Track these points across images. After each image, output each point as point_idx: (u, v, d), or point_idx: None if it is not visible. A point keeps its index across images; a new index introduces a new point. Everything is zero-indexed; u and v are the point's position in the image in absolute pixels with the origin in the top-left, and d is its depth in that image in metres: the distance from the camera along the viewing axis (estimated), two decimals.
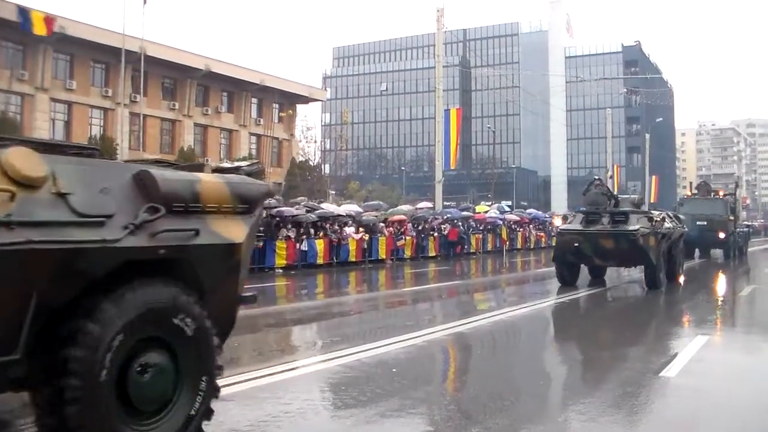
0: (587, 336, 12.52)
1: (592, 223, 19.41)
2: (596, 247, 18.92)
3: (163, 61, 47.17)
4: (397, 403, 7.08)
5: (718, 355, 10.63)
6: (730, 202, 37.75)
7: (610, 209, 19.80)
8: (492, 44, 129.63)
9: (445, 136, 43.72)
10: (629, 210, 19.89)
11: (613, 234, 18.67)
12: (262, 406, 6.87)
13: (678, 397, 7.79)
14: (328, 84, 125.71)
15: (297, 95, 62.28)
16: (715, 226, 34.58)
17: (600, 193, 20.44)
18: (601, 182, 21.48)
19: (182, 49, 51.54)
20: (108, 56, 44.49)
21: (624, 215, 19.25)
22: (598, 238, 18.87)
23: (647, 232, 18.42)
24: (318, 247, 26.81)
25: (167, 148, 51.10)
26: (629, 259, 19.66)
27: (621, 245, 18.57)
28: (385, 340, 10.57)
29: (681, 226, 22.64)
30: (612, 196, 20.84)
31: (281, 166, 59.12)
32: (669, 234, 20.10)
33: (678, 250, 21.90)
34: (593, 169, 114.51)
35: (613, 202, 20.44)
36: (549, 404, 7.33)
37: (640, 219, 19.12)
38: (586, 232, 19.09)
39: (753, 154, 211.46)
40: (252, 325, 13.28)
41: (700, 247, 36.12)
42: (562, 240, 20.02)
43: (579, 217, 20.45)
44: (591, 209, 20.08)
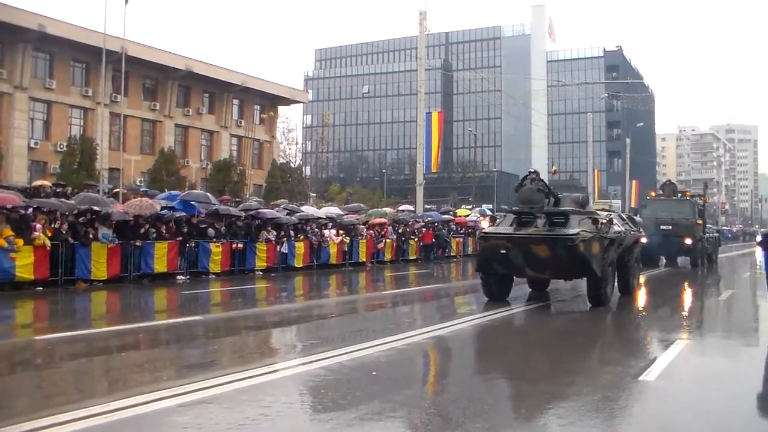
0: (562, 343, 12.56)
1: (524, 226, 16.21)
2: (528, 254, 15.63)
3: (144, 62, 46.91)
4: (376, 406, 7.08)
5: (697, 359, 10.70)
6: (698, 205, 33.82)
7: (547, 209, 16.55)
8: (474, 48, 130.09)
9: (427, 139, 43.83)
10: (569, 210, 16.51)
11: (547, 239, 15.46)
12: (241, 408, 6.84)
13: (657, 402, 7.84)
14: (310, 86, 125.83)
15: (278, 97, 62.16)
16: (680, 230, 31.18)
17: (535, 189, 16.88)
18: (538, 176, 17.47)
19: (164, 50, 51.33)
20: (88, 56, 44.16)
21: (563, 216, 16.11)
22: (529, 244, 15.61)
23: (590, 237, 15.26)
24: (298, 249, 26.74)
25: (148, 148, 50.85)
26: (568, 270, 16.11)
27: (557, 252, 15.31)
28: (365, 343, 10.55)
29: (636, 230, 19.63)
30: (550, 192, 17.13)
31: (262, 168, 58.95)
32: (619, 239, 17.00)
33: (633, 259, 18.84)
34: (574, 173, 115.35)
35: (552, 200, 17.04)
36: (528, 408, 7.35)
37: (583, 221, 15.89)
38: (514, 237, 15.83)
39: (732, 159, 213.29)
40: (232, 327, 13.27)
41: (664, 254, 32.91)
42: (486, 246, 16.44)
43: (509, 218, 17.07)
44: (524, 208, 16.75)
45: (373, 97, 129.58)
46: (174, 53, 52.08)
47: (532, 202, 16.60)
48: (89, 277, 19.16)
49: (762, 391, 8.79)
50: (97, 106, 44.24)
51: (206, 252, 22.82)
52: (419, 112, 43.51)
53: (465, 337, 12.23)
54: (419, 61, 43.26)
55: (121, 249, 20.13)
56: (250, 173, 54.17)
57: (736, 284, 26.14)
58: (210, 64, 55.04)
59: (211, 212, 24.67)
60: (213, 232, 23.75)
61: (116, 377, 8.56)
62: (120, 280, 19.98)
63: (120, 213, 21.10)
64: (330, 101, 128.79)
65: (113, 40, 33.36)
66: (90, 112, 46.62)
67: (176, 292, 19.31)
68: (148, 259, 20.83)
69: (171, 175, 42.88)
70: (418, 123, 43.48)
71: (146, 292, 19.32)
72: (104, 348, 10.71)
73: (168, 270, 21.38)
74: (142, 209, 21.53)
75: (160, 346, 11.23)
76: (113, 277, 19.74)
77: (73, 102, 46.39)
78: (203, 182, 49.73)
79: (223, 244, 23.47)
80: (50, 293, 17.67)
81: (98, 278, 19.34)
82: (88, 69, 46.73)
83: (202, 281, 21.80)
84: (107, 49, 31.77)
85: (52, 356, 10.00)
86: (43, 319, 14.81)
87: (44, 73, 44.99)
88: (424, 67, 43.73)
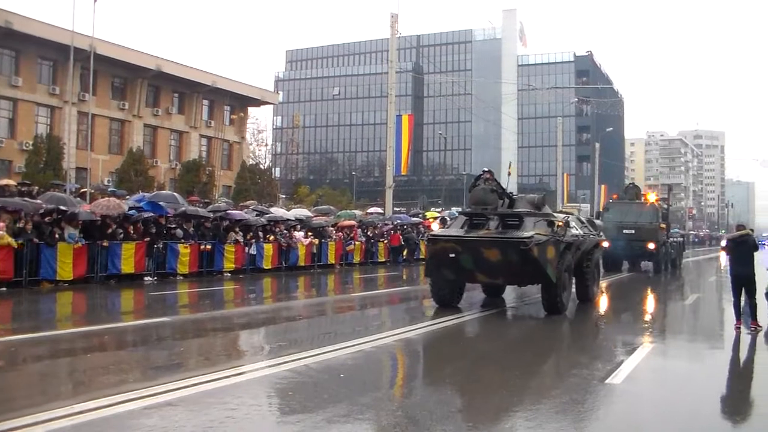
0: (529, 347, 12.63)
1: (475, 228, 15.45)
2: (478, 258, 14.75)
3: (113, 60, 46.52)
4: (344, 408, 7.07)
5: (663, 362, 10.80)
6: (661, 208, 33.17)
7: (501, 210, 15.85)
8: (445, 51, 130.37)
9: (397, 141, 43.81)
10: (524, 212, 15.73)
11: (499, 242, 14.60)
12: (208, 411, 6.80)
13: (623, 404, 7.93)
14: (281, 87, 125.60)
15: (249, 98, 61.98)
16: (643, 235, 30.35)
17: (489, 189, 16.06)
18: (492, 176, 16.52)
19: (133, 49, 50.95)
20: (56, 53, 43.75)
21: (517, 218, 15.38)
22: (479, 248, 14.73)
23: (545, 241, 14.47)
24: (267, 251, 26.64)
25: (116, 148, 50.45)
26: (521, 275, 15.13)
27: (509, 257, 14.44)
28: (333, 345, 10.54)
29: (596, 234, 18.76)
30: (504, 193, 16.40)
31: (231, 169, 58.71)
32: (577, 243, 16.25)
33: (593, 264, 17.93)
34: (543, 177, 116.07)
35: (507, 201, 16.32)
36: (496, 411, 7.37)
37: (538, 223, 15.23)
38: (464, 240, 14.95)
39: (700, 165, 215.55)
40: (199, 329, 13.19)
41: (627, 259, 32.59)
42: (434, 249, 15.50)
43: (460, 219, 16.50)
44: (476, 210, 16.07)
45: (344, 99, 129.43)
46: (144, 52, 51.74)
47: (485, 203, 15.92)
48: (54, 277, 18.97)
49: (726, 394, 8.92)
50: (64, 105, 43.89)
51: (174, 253, 22.68)
52: (389, 114, 43.51)
53: (433, 339, 12.25)
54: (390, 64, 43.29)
55: (87, 249, 19.95)
56: (220, 174, 53.94)
57: (702, 288, 26.38)
58: (180, 64, 54.74)
59: (179, 213, 24.51)
60: (181, 233, 23.61)
61: (81, 379, 8.48)
62: (86, 281, 19.81)
63: (87, 213, 20.89)
64: (300, 103, 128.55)
65: (82, 38, 33.10)
66: (57, 110, 46.16)
67: (143, 294, 19.15)
68: (115, 259, 20.66)
69: (139, 175, 42.54)
70: (389, 125, 43.46)
71: (113, 293, 19.14)
72: (69, 350, 10.60)
73: (135, 271, 21.22)
74: (110, 209, 21.33)
75: (127, 348, 11.13)
76: (79, 277, 19.57)
77: (39, 100, 45.87)
78: (172, 183, 49.43)
79: (191, 245, 23.33)
80: (14, 294, 17.46)
81: (64, 279, 19.16)
82: (55, 67, 46.25)
83: (169, 282, 21.65)
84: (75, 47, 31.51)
85: (14, 358, 9.85)
86: (6, 321, 14.60)
87: (10, 71, 44.44)
88: (395, 69, 43.76)
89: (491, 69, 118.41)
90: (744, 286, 13.91)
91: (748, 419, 7.73)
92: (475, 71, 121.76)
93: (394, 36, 42.11)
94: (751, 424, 7.56)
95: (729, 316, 14.42)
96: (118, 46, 48.51)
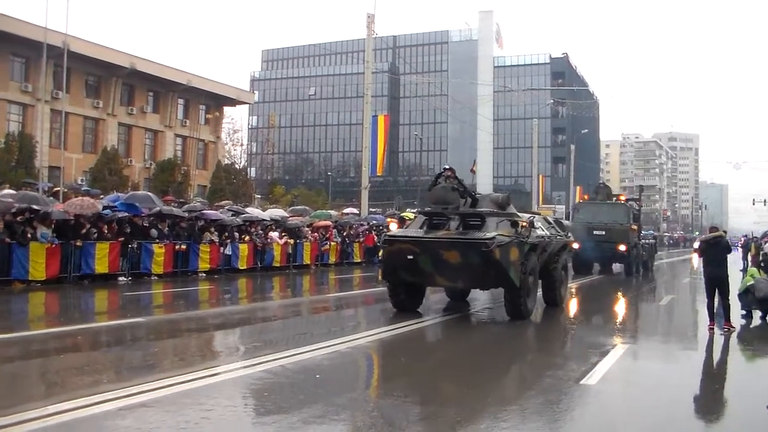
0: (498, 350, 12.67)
1: (435, 229, 14.70)
2: (437, 260, 13.97)
3: (87, 58, 46.18)
4: (320, 409, 7.06)
5: (638, 363, 10.87)
6: (632, 209, 32.23)
7: (463, 209, 15.18)
8: (422, 52, 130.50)
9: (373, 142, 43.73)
10: (486, 211, 15.01)
11: (459, 243, 13.85)
12: (183, 412, 6.77)
13: (598, 405, 7.98)
14: (256, 86, 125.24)
15: (224, 97, 61.79)
16: (614, 236, 29.56)
17: (449, 187, 15.29)
18: (453, 173, 15.63)
19: (108, 46, 50.64)
20: (28, 50, 43.20)
21: (479, 218, 14.66)
22: (438, 249, 13.96)
23: (508, 242, 13.68)
24: (242, 251, 26.54)
25: (90, 147, 50.08)
26: (483, 278, 14.35)
27: (470, 259, 13.69)
28: (309, 346, 10.52)
29: (564, 235, 18.05)
30: (466, 192, 15.72)
31: (206, 169, 58.52)
32: (543, 245, 15.60)
33: (560, 267, 17.26)
34: (519, 178, 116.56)
35: (469, 200, 15.69)
36: (472, 412, 7.38)
37: (501, 224, 14.48)
38: (422, 240, 14.18)
39: (674, 167, 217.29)
40: (173, 329, 13.12)
41: (597, 261, 31.51)
42: (390, 251, 14.61)
43: (419, 219, 15.69)
44: (436, 209, 15.32)
45: (320, 99, 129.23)
46: (118, 50, 51.49)
47: (446, 202, 15.15)
48: (27, 277, 18.77)
49: (699, 394, 9.00)
50: (37, 103, 43.45)
51: (148, 253, 22.53)
52: (365, 114, 43.43)
53: (408, 340, 12.25)
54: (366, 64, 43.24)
55: (60, 249, 19.75)
56: (195, 174, 53.74)
57: (675, 290, 26.58)
58: (155, 63, 54.47)
59: (154, 213, 24.34)
60: (156, 232, 23.46)
61: (54, 380, 8.40)
62: (59, 281, 19.61)
63: (60, 212, 20.69)
64: (276, 102, 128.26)
65: (55, 35, 32.76)
66: (29, 108, 45.71)
67: (117, 294, 19.02)
68: (88, 259, 20.48)
69: (113, 174, 42.31)
70: (364, 126, 43.38)
71: (86, 294, 18.99)
72: (42, 351, 10.50)
73: (109, 271, 21.05)
74: (84, 209, 21.13)
75: (101, 349, 11.04)
76: (52, 277, 19.38)
77: (11, 97, 45.47)
78: (146, 182, 49.18)
79: (165, 245, 23.19)
80: None
81: (36, 279, 18.96)
82: (27, 64, 45.83)
83: (144, 282, 21.51)
84: (48, 44, 31.21)
85: None
86: None
87: None
88: (371, 69, 43.67)
89: (467, 70, 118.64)
90: (717, 287, 14.04)
91: (721, 419, 7.80)
92: (452, 72, 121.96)
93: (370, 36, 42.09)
94: (724, 423, 7.63)
95: (703, 318, 14.56)
96: (93, 43, 48.18)
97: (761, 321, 15.60)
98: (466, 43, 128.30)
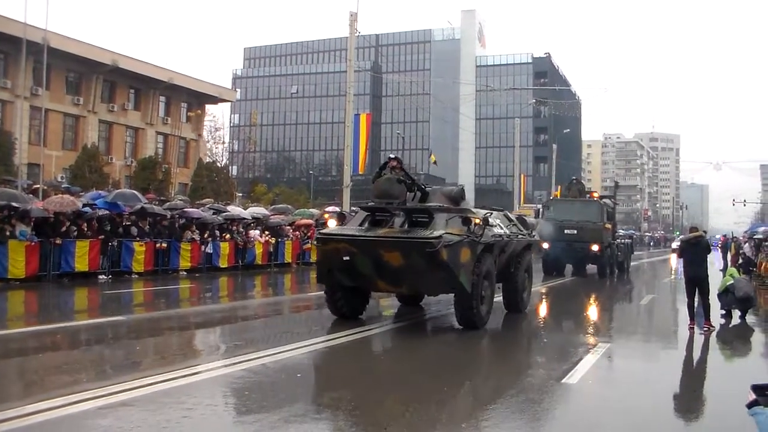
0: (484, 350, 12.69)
1: (377, 226, 13.08)
2: (378, 262, 12.24)
3: (67, 54, 45.77)
4: (301, 408, 7.05)
5: (618, 362, 10.92)
6: (607, 207, 30.38)
7: (411, 205, 13.58)
8: (404, 51, 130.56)
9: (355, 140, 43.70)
10: (434, 207, 13.30)
11: (400, 243, 12.11)
12: (163, 410, 6.73)
13: (579, 404, 8.01)
14: (238, 84, 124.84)
15: (206, 95, 61.50)
16: (586, 235, 27.84)
17: (395, 179, 13.55)
18: (399, 163, 13.98)
19: (89, 43, 50.17)
20: (7, 46, 42.72)
21: (426, 214, 12.99)
22: (378, 249, 12.20)
23: (457, 241, 12.04)
24: (223, 249, 26.47)
25: (70, 144, 49.71)
26: (429, 283, 12.59)
27: (413, 261, 11.98)
28: (290, 345, 10.49)
29: (527, 234, 16.32)
30: (414, 184, 14.07)
31: (188, 167, 58.20)
32: (501, 244, 13.98)
33: (522, 269, 15.58)
34: (501, 177, 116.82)
35: (418, 194, 14.20)
36: (453, 410, 7.39)
37: (452, 221, 12.72)
38: (359, 240, 12.42)
39: (655, 167, 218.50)
40: (154, 328, 13.06)
41: (569, 262, 29.68)
42: (324, 251, 13.05)
43: (360, 215, 13.85)
44: (379, 204, 13.52)
45: (302, 97, 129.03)
46: (99, 47, 51.01)
47: (390, 197, 13.36)
48: (5, 275, 18.65)
49: (679, 392, 9.05)
50: (16, 99, 43.10)
51: (129, 251, 22.42)
52: (347, 113, 43.37)
53: (389, 339, 12.26)
54: (349, 63, 43.15)
55: (40, 247, 19.63)
56: (176, 172, 53.43)
57: (656, 289, 26.63)
58: (136, 60, 54.10)
59: (135, 211, 24.21)
60: (136, 230, 23.34)
61: (33, 379, 8.34)
62: (38, 279, 19.49)
63: (39, 210, 20.55)
64: (258, 100, 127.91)
65: (34, 31, 32.50)
66: (8, 104, 45.26)
67: (98, 292, 18.90)
68: (68, 257, 20.36)
69: (94, 171, 41.98)
70: (346, 124, 43.31)
71: (66, 292, 18.86)
72: (20, 349, 10.41)
73: (89, 269, 20.93)
74: (63, 206, 21.00)
75: (80, 347, 10.97)
76: (31, 275, 19.26)
77: None
78: (127, 180, 48.89)
79: (146, 243, 23.09)
80: None
81: (15, 277, 18.83)
82: (6, 60, 45.34)
83: (124, 281, 21.40)
84: (28, 40, 30.98)
85: None
86: None
87: None
88: (354, 68, 43.61)
89: (450, 69, 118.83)
90: (698, 287, 14.15)
91: (701, 417, 7.86)
92: (434, 71, 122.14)
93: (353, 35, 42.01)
94: (703, 421, 7.69)
95: (683, 317, 14.65)
96: (73, 39, 47.75)
97: (740, 320, 15.73)
98: (449, 42, 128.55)
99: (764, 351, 12.92)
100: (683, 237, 16.37)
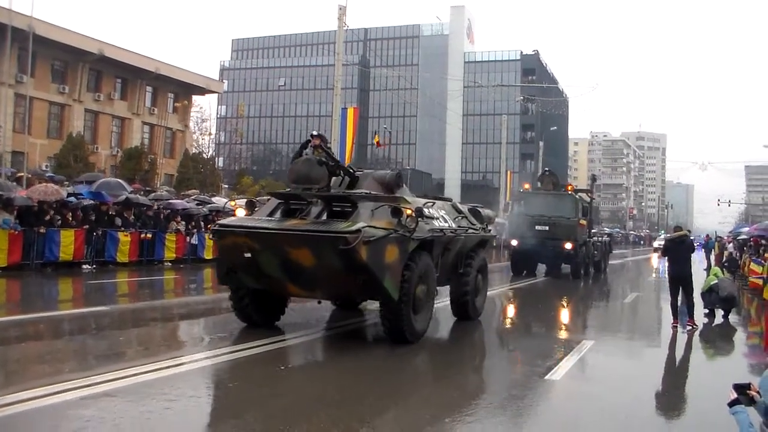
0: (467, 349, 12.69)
1: (290, 216, 10.75)
2: (285, 261, 10.04)
3: (53, 42, 45.40)
4: (285, 401, 7.03)
5: (602, 359, 10.95)
6: (582, 201, 27.88)
7: (332, 192, 11.21)
8: (392, 45, 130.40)
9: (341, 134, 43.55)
10: (358, 195, 11.02)
11: (309, 237, 9.80)
12: (146, 402, 6.71)
13: (561, 400, 8.04)
14: (226, 76, 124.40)
15: (193, 86, 61.20)
16: (559, 232, 25.65)
17: (315, 161, 11.21)
18: (323, 142, 11.60)
19: (75, 31, 49.79)
20: None
21: (349, 203, 10.72)
22: (284, 246, 9.97)
23: (380, 237, 9.73)
24: (208, 241, 26.36)
25: (55, 132, 49.37)
26: (348, 287, 10.42)
27: (325, 260, 9.78)
28: (274, 337, 10.49)
29: (481, 228, 13.85)
30: (339, 166, 11.80)
31: (174, 158, 57.96)
32: (445, 241, 11.76)
33: (473, 270, 13.22)
34: (487, 174, 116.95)
35: (344, 179, 11.95)
36: (436, 406, 7.39)
37: (379, 211, 10.39)
38: (261, 233, 10.09)
39: (641, 166, 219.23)
40: (138, 319, 13.01)
41: (541, 260, 27.46)
42: (223, 246, 10.86)
43: (272, 203, 11.36)
44: (295, 190, 11.26)
45: (289, 90, 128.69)
46: (86, 35, 50.61)
47: (309, 181, 11.06)
48: None
49: (662, 390, 9.10)
50: (0, 86, 42.73)
51: (114, 241, 22.32)
52: (335, 107, 43.27)
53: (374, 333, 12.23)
54: (337, 56, 43.05)
55: (23, 235, 19.50)
56: (162, 162, 53.21)
57: (640, 287, 26.66)
58: (123, 49, 53.74)
59: (120, 201, 24.11)
60: (121, 221, 23.24)
61: (14, 369, 8.27)
62: (21, 268, 19.36)
63: (23, 198, 20.43)
64: (245, 92, 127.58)
65: (20, 18, 32.26)
66: None
67: (81, 282, 18.81)
68: (52, 246, 20.24)
69: (79, 161, 41.75)
70: (334, 118, 43.20)
71: (49, 281, 18.74)
72: (2, 339, 10.31)
73: (73, 258, 20.83)
74: (47, 195, 20.89)
75: (63, 337, 10.91)
76: (14, 264, 19.13)
77: None
78: (113, 170, 48.65)
79: (131, 233, 22.99)
80: None
81: None
82: None
83: (108, 271, 21.30)
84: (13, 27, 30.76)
85: None
86: None
87: None
88: (342, 62, 43.53)
89: (438, 65, 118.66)
90: (682, 286, 14.24)
91: (682, 415, 7.91)
92: (422, 66, 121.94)
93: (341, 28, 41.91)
94: (685, 419, 7.73)
95: (666, 315, 14.73)
96: (59, 27, 47.33)
97: (723, 320, 15.84)
98: (437, 37, 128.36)
99: (746, 350, 12.99)
100: (668, 236, 16.44)
